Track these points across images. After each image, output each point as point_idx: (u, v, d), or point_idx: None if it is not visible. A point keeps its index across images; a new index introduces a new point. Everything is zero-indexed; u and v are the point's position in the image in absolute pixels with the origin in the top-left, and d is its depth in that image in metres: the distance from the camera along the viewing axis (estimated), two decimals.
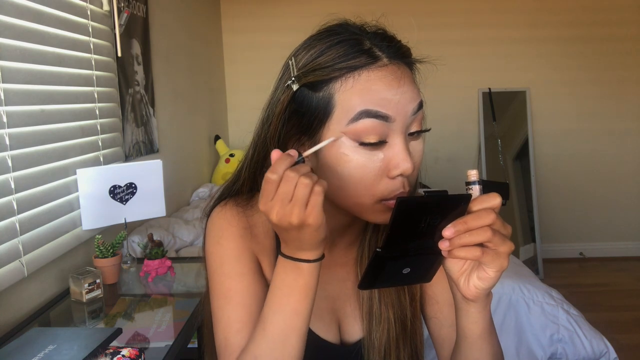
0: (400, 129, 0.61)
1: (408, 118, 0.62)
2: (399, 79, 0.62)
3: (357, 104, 0.60)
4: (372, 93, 0.60)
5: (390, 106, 0.60)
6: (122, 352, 1.00)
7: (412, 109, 0.62)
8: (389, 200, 0.62)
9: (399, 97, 0.61)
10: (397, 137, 0.61)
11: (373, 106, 0.60)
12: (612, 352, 1.83)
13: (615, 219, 3.83)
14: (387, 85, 0.61)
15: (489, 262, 0.55)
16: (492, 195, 0.56)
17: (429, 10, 3.63)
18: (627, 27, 3.66)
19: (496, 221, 0.55)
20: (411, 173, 0.62)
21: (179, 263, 1.72)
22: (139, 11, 2.13)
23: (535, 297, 1.87)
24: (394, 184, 0.62)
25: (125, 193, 1.60)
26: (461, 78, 3.69)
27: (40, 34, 1.40)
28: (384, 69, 0.62)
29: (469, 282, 0.58)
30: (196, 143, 3.06)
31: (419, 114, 0.64)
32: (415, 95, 0.63)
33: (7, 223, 1.23)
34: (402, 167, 0.61)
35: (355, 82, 0.61)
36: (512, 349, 1.83)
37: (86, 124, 1.62)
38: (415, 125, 0.64)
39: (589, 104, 3.74)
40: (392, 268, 0.56)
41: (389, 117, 0.60)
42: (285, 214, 0.55)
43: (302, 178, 0.54)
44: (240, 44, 3.69)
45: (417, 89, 0.65)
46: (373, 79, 0.61)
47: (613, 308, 2.97)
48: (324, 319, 0.75)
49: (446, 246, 0.55)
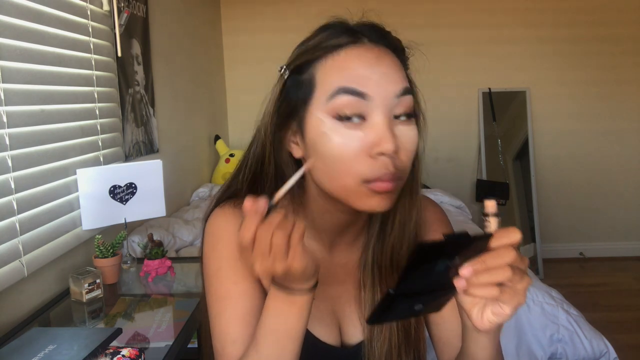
0: (380, 108, 0.60)
1: (390, 100, 0.61)
2: (378, 58, 0.62)
3: (335, 81, 0.61)
4: (349, 70, 0.61)
5: (367, 84, 0.60)
6: (122, 352, 1.00)
7: (395, 91, 0.61)
8: (374, 183, 0.60)
9: (378, 77, 0.61)
10: (377, 116, 0.60)
11: (349, 83, 0.60)
12: (612, 352, 1.82)
13: (615, 219, 3.82)
14: (365, 63, 0.61)
15: (506, 301, 0.52)
16: (512, 230, 0.52)
17: (429, 10, 3.63)
18: (627, 27, 3.66)
19: (516, 258, 0.51)
20: (396, 155, 0.60)
21: (179, 263, 1.72)
22: (139, 11, 2.13)
23: (535, 297, 1.87)
24: (376, 164, 0.60)
25: (125, 193, 1.60)
26: (461, 78, 3.69)
27: (40, 34, 1.40)
28: (364, 47, 0.63)
29: (482, 316, 0.54)
30: (196, 143, 3.06)
31: (405, 98, 0.62)
32: (399, 79, 0.62)
33: (7, 223, 1.23)
34: (382, 145, 0.59)
35: (334, 61, 0.62)
36: (512, 349, 1.83)
37: (86, 124, 1.62)
38: (402, 109, 0.62)
39: (589, 104, 3.74)
40: (403, 305, 0.53)
41: (365, 94, 0.60)
42: (267, 267, 0.53)
43: (276, 231, 0.52)
44: (240, 44, 3.69)
45: (404, 74, 0.64)
46: (351, 57, 0.62)
47: (613, 308, 2.97)
48: (324, 321, 0.74)
49: (462, 285, 0.52)
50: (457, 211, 3.05)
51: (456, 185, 3.70)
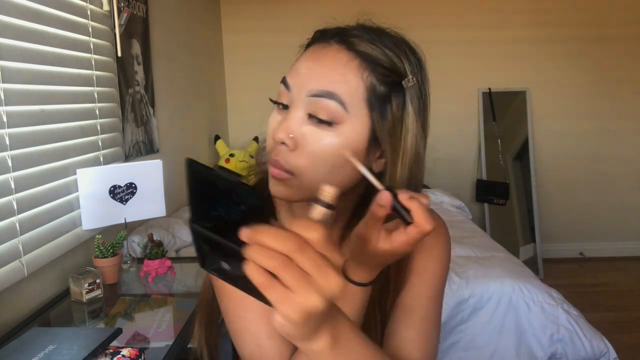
0: (296, 102, 0.62)
1: (304, 96, 0.61)
2: (319, 56, 0.62)
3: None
4: (294, 63, 0.64)
5: (294, 76, 0.63)
6: (122, 352, 1.00)
7: (310, 89, 0.61)
8: (269, 165, 0.63)
9: (305, 71, 0.62)
10: (292, 107, 0.62)
11: (287, 74, 0.64)
12: (612, 352, 1.83)
13: (615, 219, 3.83)
14: (306, 58, 0.63)
15: (273, 302, 0.40)
16: (310, 225, 0.41)
17: (429, 10, 3.63)
18: (626, 27, 3.66)
19: (300, 256, 0.40)
20: (292, 150, 0.61)
21: (179, 263, 1.72)
22: (139, 11, 2.13)
23: (535, 297, 1.87)
24: (274, 149, 0.62)
25: (125, 193, 1.60)
26: (461, 78, 3.69)
27: (40, 34, 1.40)
28: (320, 45, 0.63)
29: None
30: (196, 143, 3.06)
31: (321, 101, 0.60)
32: (324, 80, 0.60)
33: (7, 223, 1.23)
34: (275, 133, 0.61)
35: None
36: (512, 349, 1.83)
37: (86, 124, 1.62)
38: (313, 109, 0.60)
39: (589, 104, 3.74)
40: (210, 251, 0.45)
41: (288, 85, 0.63)
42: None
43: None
44: (240, 44, 3.69)
45: (339, 78, 0.60)
46: (304, 54, 0.64)
47: (613, 308, 2.97)
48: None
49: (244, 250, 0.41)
50: (457, 211, 3.05)
51: (456, 185, 3.70)
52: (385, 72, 0.62)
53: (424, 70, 0.66)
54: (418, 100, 0.64)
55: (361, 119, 0.61)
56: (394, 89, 0.62)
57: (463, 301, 1.88)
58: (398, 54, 0.63)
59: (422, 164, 0.66)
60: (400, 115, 0.63)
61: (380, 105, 0.62)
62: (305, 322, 0.42)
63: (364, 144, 0.62)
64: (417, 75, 0.64)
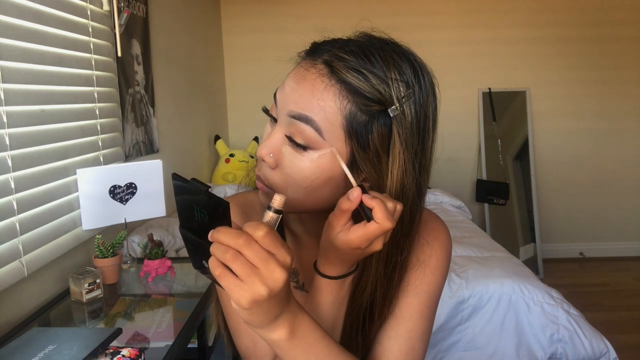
0: (280, 119, 0.62)
1: (284, 115, 0.61)
2: (302, 77, 0.60)
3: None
4: (285, 77, 0.64)
5: (281, 92, 0.63)
6: (122, 352, 1.00)
7: (290, 110, 0.60)
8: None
9: (288, 90, 0.61)
10: (276, 126, 0.63)
11: (278, 87, 0.64)
12: (612, 352, 1.83)
13: (615, 219, 3.83)
14: (291, 76, 0.63)
15: (226, 289, 0.47)
16: (258, 225, 0.48)
17: (429, 10, 3.62)
18: (627, 27, 3.66)
19: (247, 250, 0.46)
20: (271, 168, 0.62)
21: (179, 263, 1.72)
22: (139, 11, 2.13)
23: (535, 297, 1.87)
24: (257, 162, 0.65)
25: (125, 193, 1.60)
26: (461, 78, 3.69)
27: (40, 34, 1.40)
28: (306, 63, 0.61)
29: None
30: (196, 143, 3.06)
31: (298, 124, 0.58)
32: (303, 103, 0.58)
33: (7, 223, 1.23)
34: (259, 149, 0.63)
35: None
36: (512, 349, 1.83)
37: (86, 124, 1.62)
38: (291, 131, 0.59)
39: (589, 104, 3.74)
40: (194, 251, 0.53)
41: (276, 100, 0.63)
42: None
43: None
44: (240, 44, 3.69)
45: (316, 103, 0.58)
46: (294, 69, 0.64)
47: (613, 308, 2.97)
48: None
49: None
50: (457, 211, 3.05)
51: (456, 185, 3.71)
52: (366, 102, 0.58)
53: (424, 90, 0.62)
54: (411, 127, 0.60)
55: (339, 146, 0.59)
56: (377, 118, 0.58)
57: (463, 301, 1.88)
58: (386, 80, 0.58)
59: (411, 195, 0.62)
60: (386, 145, 0.59)
61: (360, 135, 0.58)
62: (253, 309, 0.48)
63: (341, 170, 0.59)
64: (414, 99, 0.60)
